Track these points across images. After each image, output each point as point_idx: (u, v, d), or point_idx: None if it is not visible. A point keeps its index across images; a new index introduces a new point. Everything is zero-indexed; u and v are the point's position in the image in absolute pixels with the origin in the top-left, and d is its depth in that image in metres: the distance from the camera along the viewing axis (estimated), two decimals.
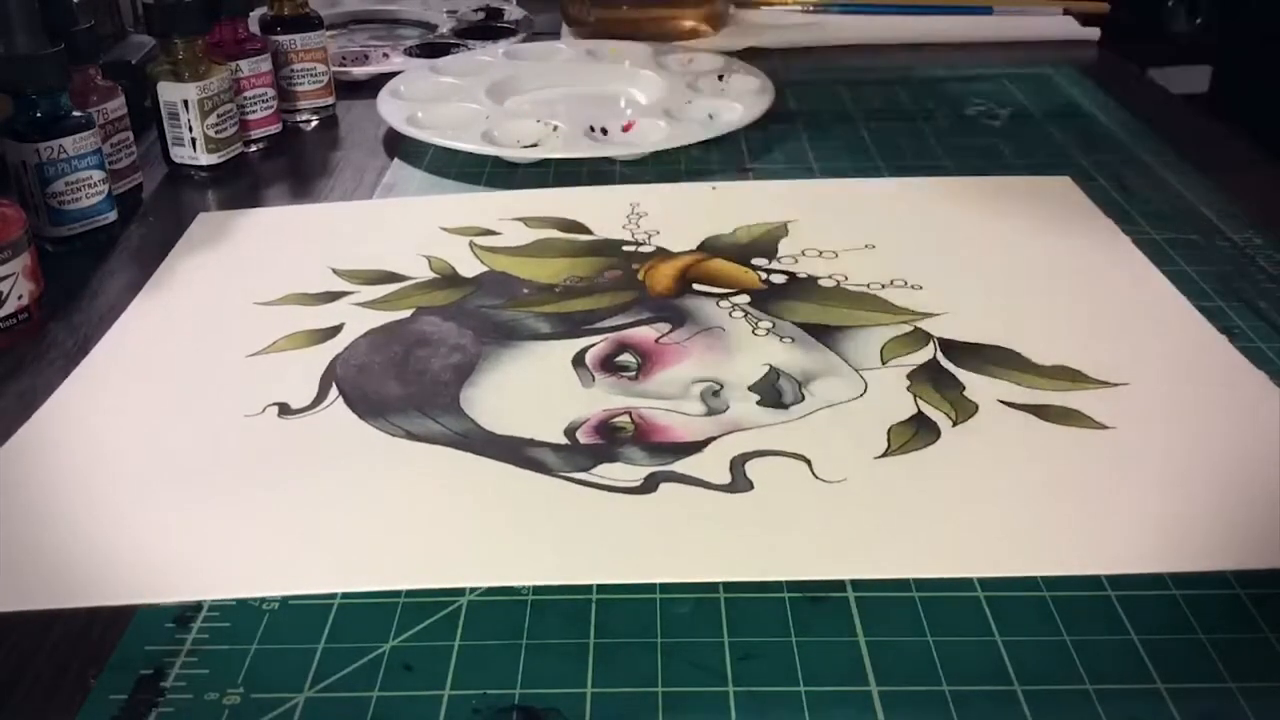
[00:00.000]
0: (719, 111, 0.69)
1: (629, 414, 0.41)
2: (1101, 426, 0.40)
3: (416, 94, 0.72)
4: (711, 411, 0.41)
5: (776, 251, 0.52)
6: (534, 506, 0.36)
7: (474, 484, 0.38)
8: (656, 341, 0.45)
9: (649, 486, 0.37)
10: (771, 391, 0.42)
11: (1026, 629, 0.31)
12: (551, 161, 0.64)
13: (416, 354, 0.45)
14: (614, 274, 0.50)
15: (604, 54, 0.79)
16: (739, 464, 0.38)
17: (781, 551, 0.34)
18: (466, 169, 0.63)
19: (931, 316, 0.47)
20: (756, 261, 0.51)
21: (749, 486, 0.37)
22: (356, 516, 0.36)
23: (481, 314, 0.48)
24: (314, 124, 0.72)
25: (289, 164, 0.67)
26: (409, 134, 0.65)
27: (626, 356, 0.44)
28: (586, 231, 0.54)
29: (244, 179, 0.64)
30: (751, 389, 0.42)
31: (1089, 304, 0.47)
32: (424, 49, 0.84)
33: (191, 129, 0.62)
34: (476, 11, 0.93)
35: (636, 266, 0.51)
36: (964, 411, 0.41)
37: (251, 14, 0.69)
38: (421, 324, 0.47)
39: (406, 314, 0.48)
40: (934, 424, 0.40)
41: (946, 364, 0.43)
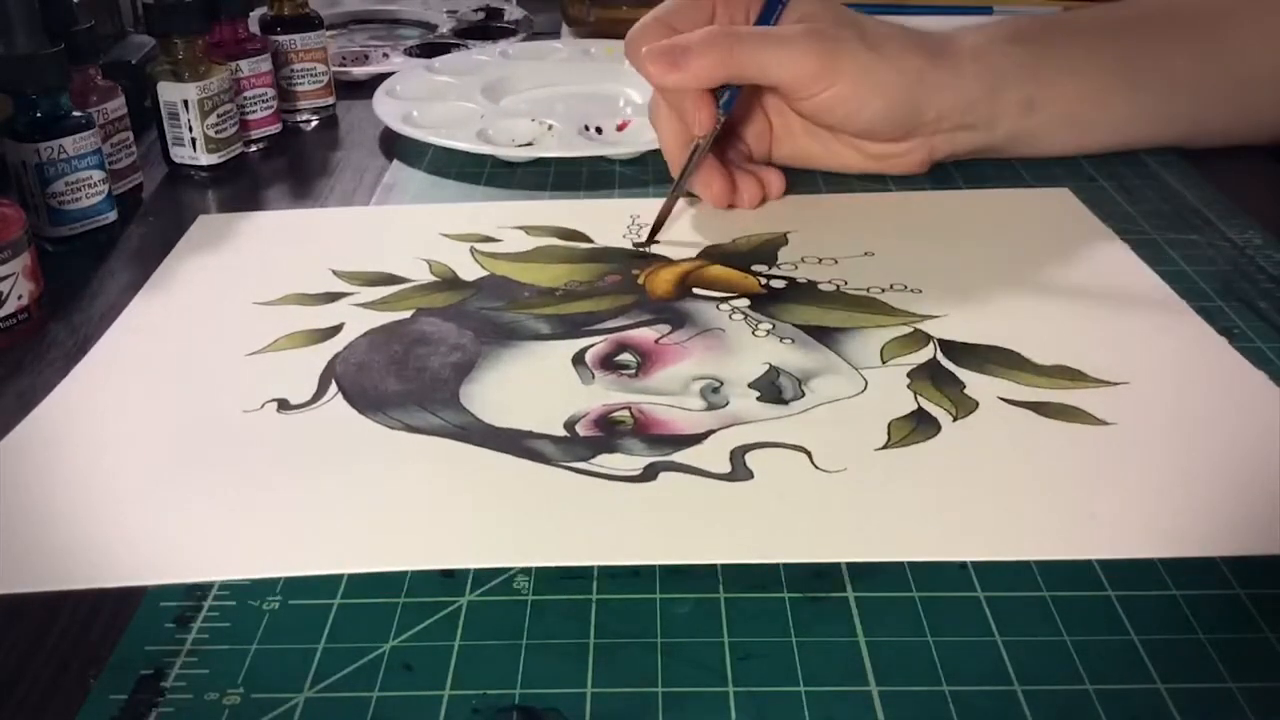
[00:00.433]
0: None
1: (629, 409, 0.41)
2: (1101, 423, 0.40)
3: (412, 93, 0.72)
4: (711, 407, 0.41)
5: (776, 259, 0.52)
6: (533, 493, 0.37)
7: (473, 472, 0.38)
8: (656, 342, 0.45)
9: (648, 475, 0.37)
10: (771, 388, 0.42)
11: (1026, 629, 0.31)
12: (551, 161, 0.64)
13: (416, 352, 0.45)
14: (614, 279, 0.50)
15: (600, 53, 0.79)
16: (739, 455, 0.38)
17: (780, 535, 0.34)
18: (466, 169, 0.63)
19: (931, 319, 0.47)
20: (756, 268, 0.51)
21: (749, 475, 0.37)
22: (356, 502, 0.36)
23: (482, 315, 0.48)
24: (314, 124, 0.72)
25: (289, 164, 0.67)
26: (404, 133, 0.65)
27: (626, 355, 0.45)
28: (587, 240, 0.54)
29: (244, 179, 0.64)
30: (751, 386, 0.42)
31: (1088, 307, 0.47)
32: (424, 49, 0.84)
33: (191, 129, 0.62)
34: (476, 11, 0.93)
35: (637, 272, 0.51)
36: (964, 407, 0.41)
37: (251, 14, 0.69)
38: (421, 324, 0.47)
39: (407, 315, 0.48)
40: (934, 419, 0.40)
41: (947, 363, 0.44)
